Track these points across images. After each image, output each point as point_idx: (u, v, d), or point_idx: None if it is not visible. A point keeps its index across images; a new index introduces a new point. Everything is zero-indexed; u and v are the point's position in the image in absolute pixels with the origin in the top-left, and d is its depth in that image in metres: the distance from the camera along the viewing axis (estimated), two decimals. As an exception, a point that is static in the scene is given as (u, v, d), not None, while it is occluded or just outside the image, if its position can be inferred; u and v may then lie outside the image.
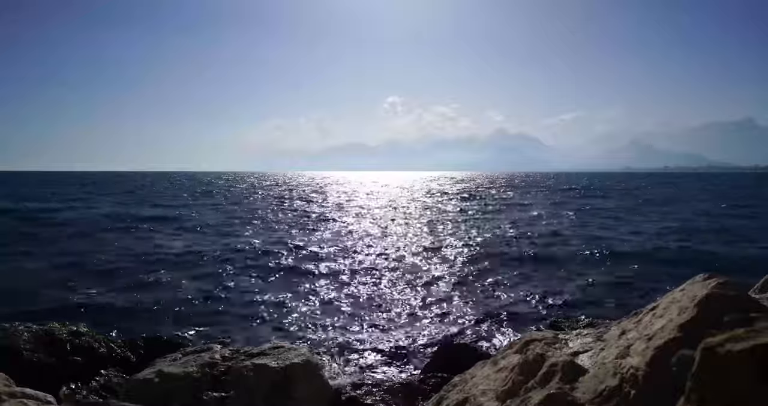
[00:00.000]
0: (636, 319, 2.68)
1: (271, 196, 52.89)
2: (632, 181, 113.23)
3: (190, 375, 4.21)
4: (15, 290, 11.38)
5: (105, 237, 20.28)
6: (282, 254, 16.87)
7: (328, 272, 13.89)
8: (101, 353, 5.31)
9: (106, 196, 49.69)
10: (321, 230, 23.76)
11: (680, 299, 2.40)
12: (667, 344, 2.15)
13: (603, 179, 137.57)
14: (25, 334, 5.09)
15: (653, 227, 24.07)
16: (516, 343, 3.28)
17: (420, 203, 43.76)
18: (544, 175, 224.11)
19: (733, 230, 23.02)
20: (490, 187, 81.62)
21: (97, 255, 15.98)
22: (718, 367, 1.51)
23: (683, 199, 46.31)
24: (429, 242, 19.69)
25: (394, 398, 4.61)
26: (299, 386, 4.29)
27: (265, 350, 4.68)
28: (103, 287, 11.90)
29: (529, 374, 2.69)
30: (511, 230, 23.51)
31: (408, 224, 26.05)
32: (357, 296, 11.46)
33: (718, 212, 32.84)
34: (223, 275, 13.57)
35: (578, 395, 2.29)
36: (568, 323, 5.84)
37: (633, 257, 16.24)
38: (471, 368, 3.48)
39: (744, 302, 2.18)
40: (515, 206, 38.87)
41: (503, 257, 16.21)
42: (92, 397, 4.12)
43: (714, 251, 17.25)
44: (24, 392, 3.34)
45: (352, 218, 30.03)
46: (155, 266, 14.59)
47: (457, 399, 3.03)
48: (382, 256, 16.39)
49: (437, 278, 13.24)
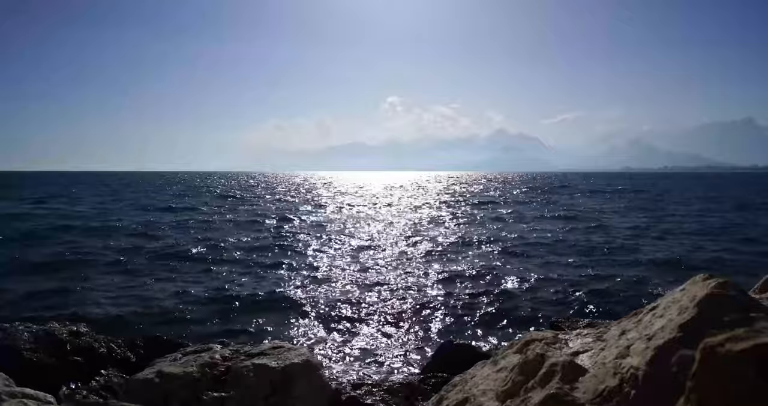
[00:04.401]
0: (636, 319, 2.68)
1: (271, 197, 52.90)
2: (636, 181, 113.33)
3: (190, 375, 4.21)
4: (15, 290, 11.39)
5: (105, 236, 20.29)
6: (282, 254, 16.87)
7: (328, 273, 13.89)
8: (101, 353, 5.31)
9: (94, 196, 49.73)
10: (321, 230, 23.76)
11: (680, 299, 2.40)
12: (667, 344, 2.15)
13: (606, 179, 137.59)
14: (25, 334, 5.09)
15: (654, 227, 24.08)
16: (516, 343, 3.28)
17: (420, 203, 43.76)
18: (545, 175, 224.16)
19: (733, 230, 23.03)
20: (491, 187, 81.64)
21: (96, 255, 15.99)
22: (718, 367, 1.51)
23: (684, 200, 46.31)
24: (429, 242, 19.69)
25: (394, 398, 4.60)
26: (299, 386, 4.29)
27: (265, 350, 4.67)
28: (102, 287, 11.90)
29: (529, 374, 2.69)
30: (511, 230, 23.52)
31: (408, 225, 26.04)
32: (357, 296, 11.45)
33: (717, 212, 32.84)
34: (222, 275, 13.57)
35: (578, 395, 2.29)
36: (568, 323, 5.83)
37: (633, 257, 16.25)
38: (471, 368, 3.48)
39: (744, 302, 2.18)
40: (515, 207, 38.87)
41: (503, 258, 16.22)
42: (92, 397, 4.11)
43: (714, 252, 17.26)
44: (24, 392, 3.34)
45: (353, 218, 30.03)
46: (155, 265, 14.59)
47: (457, 399, 3.03)
48: (382, 256, 16.39)
49: (437, 278, 13.24)
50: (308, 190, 67.89)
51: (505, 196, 53.16)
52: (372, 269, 14.40)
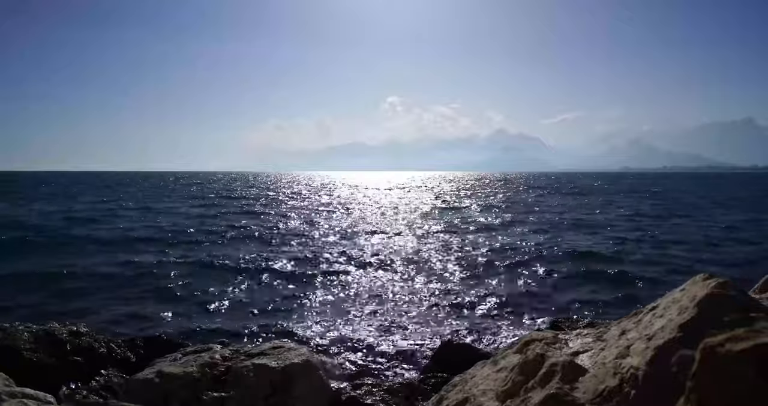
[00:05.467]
0: (636, 319, 2.68)
1: (271, 197, 52.91)
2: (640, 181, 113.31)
3: (190, 375, 4.21)
4: (15, 289, 11.38)
5: (105, 236, 20.29)
6: (282, 254, 16.86)
7: (328, 273, 13.88)
8: (101, 353, 5.31)
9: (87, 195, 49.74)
10: (320, 230, 23.75)
11: (680, 299, 2.40)
12: (667, 344, 2.15)
13: (611, 180, 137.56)
14: (25, 334, 5.09)
15: (654, 228, 24.07)
16: (516, 343, 3.28)
17: (421, 203, 43.75)
18: (545, 175, 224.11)
19: (732, 230, 23.02)
20: (490, 187, 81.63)
21: (96, 254, 16.00)
22: (718, 367, 1.51)
23: (685, 199, 46.32)
24: (429, 242, 19.68)
25: (394, 398, 4.60)
26: (299, 386, 4.29)
27: (265, 350, 4.67)
28: (102, 287, 11.90)
29: (529, 374, 2.69)
30: (511, 230, 23.51)
31: (408, 225, 26.04)
32: (357, 296, 11.45)
33: (717, 211, 32.82)
34: (222, 275, 13.56)
35: (578, 395, 2.29)
36: (568, 323, 5.83)
37: (633, 257, 16.24)
38: (471, 368, 3.48)
39: (744, 302, 2.18)
40: (516, 207, 38.87)
41: (503, 258, 16.20)
42: (92, 397, 4.12)
43: (714, 251, 17.25)
44: (24, 392, 3.35)
45: (352, 218, 30.02)
46: (155, 265, 14.59)
47: (457, 399, 3.03)
48: (382, 257, 16.38)
49: (437, 278, 13.24)
50: (314, 189, 67.89)
51: (506, 197, 53.14)
52: (372, 270, 14.40)
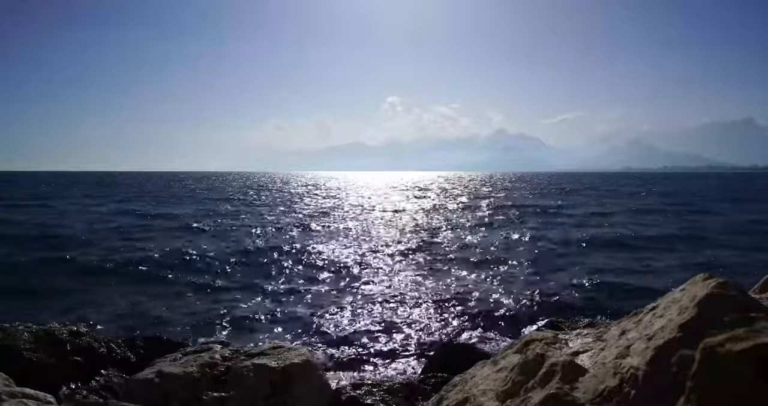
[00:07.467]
0: (636, 319, 2.68)
1: (271, 196, 52.92)
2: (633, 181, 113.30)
3: (190, 375, 4.21)
4: (15, 289, 11.39)
5: (105, 236, 20.30)
6: (281, 253, 16.86)
7: (329, 273, 13.89)
8: (101, 353, 5.31)
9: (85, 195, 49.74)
10: (321, 230, 23.75)
11: (680, 299, 2.40)
12: (667, 344, 2.15)
13: (611, 180, 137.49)
14: (25, 334, 5.08)
15: (654, 228, 24.07)
16: (516, 343, 3.28)
17: (421, 203, 43.75)
18: (546, 175, 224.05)
19: (732, 230, 23.01)
20: (491, 187, 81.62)
21: (96, 254, 15.99)
22: (718, 367, 1.51)
23: (685, 198, 46.28)
24: (430, 243, 19.68)
25: (394, 398, 4.60)
26: (299, 386, 4.29)
27: (265, 350, 4.67)
28: (102, 287, 11.90)
29: (529, 374, 2.69)
30: (512, 230, 23.51)
31: (409, 225, 26.04)
32: (357, 296, 11.45)
33: (717, 212, 32.82)
34: (222, 275, 13.57)
35: (578, 395, 2.29)
36: (568, 323, 5.83)
37: (633, 257, 16.24)
38: (471, 368, 3.48)
39: (744, 302, 2.18)
40: (517, 207, 38.86)
41: (503, 258, 16.20)
42: (92, 397, 4.11)
43: (714, 252, 17.25)
44: (24, 392, 3.34)
45: (352, 218, 30.02)
46: (154, 265, 14.59)
47: (457, 399, 3.03)
48: (382, 257, 16.38)
49: (437, 278, 13.24)
50: (314, 190, 67.88)
51: (506, 197, 53.13)
52: (372, 270, 14.40)
